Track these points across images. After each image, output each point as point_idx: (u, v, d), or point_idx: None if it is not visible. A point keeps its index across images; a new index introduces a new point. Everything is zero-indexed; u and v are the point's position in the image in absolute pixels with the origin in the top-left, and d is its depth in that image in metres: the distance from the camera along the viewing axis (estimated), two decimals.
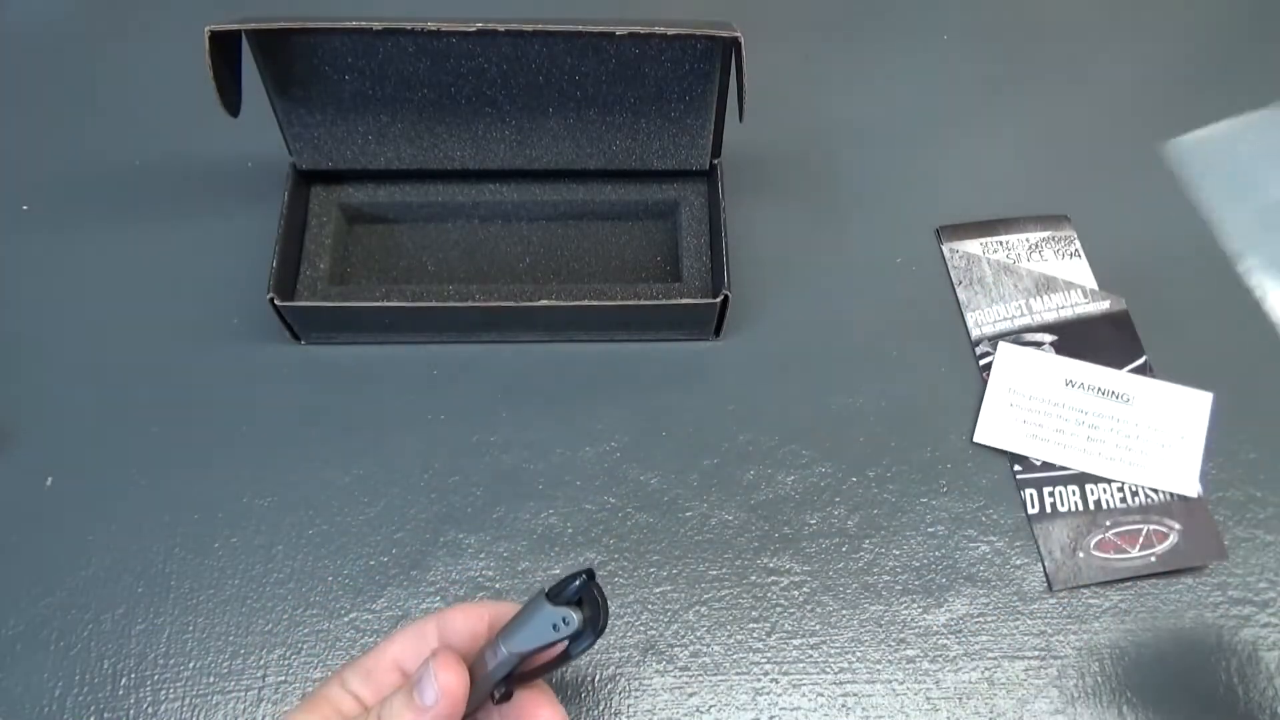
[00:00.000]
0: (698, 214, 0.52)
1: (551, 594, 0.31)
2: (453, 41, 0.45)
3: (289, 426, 0.48)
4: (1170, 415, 0.48)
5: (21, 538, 0.44)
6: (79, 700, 0.41)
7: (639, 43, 0.45)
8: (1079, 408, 0.48)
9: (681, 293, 0.49)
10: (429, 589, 0.44)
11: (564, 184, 0.53)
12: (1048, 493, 0.46)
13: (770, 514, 0.46)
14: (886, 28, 0.64)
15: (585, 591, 0.31)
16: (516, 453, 0.47)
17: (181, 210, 0.54)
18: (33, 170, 0.56)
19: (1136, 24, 0.64)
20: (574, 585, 0.31)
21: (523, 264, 0.52)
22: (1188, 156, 0.58)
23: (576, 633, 0.31)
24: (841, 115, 0.59)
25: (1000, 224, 0.55)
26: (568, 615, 0.31)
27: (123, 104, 0.59)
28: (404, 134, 0.49)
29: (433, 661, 0.31)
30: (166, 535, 0.45)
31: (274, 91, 0.46)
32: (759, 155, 0.57)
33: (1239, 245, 0.54)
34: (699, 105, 0.48)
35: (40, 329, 0.50)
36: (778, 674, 0.42)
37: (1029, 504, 0.46)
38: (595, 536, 0.45)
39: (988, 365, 0.50)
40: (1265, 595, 0.44)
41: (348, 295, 0.49)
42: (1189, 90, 0.61)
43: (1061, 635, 0.43)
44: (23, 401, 0.48)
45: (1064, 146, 0.58)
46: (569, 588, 0.31)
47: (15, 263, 0.52)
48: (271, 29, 0.42)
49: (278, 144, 0.49)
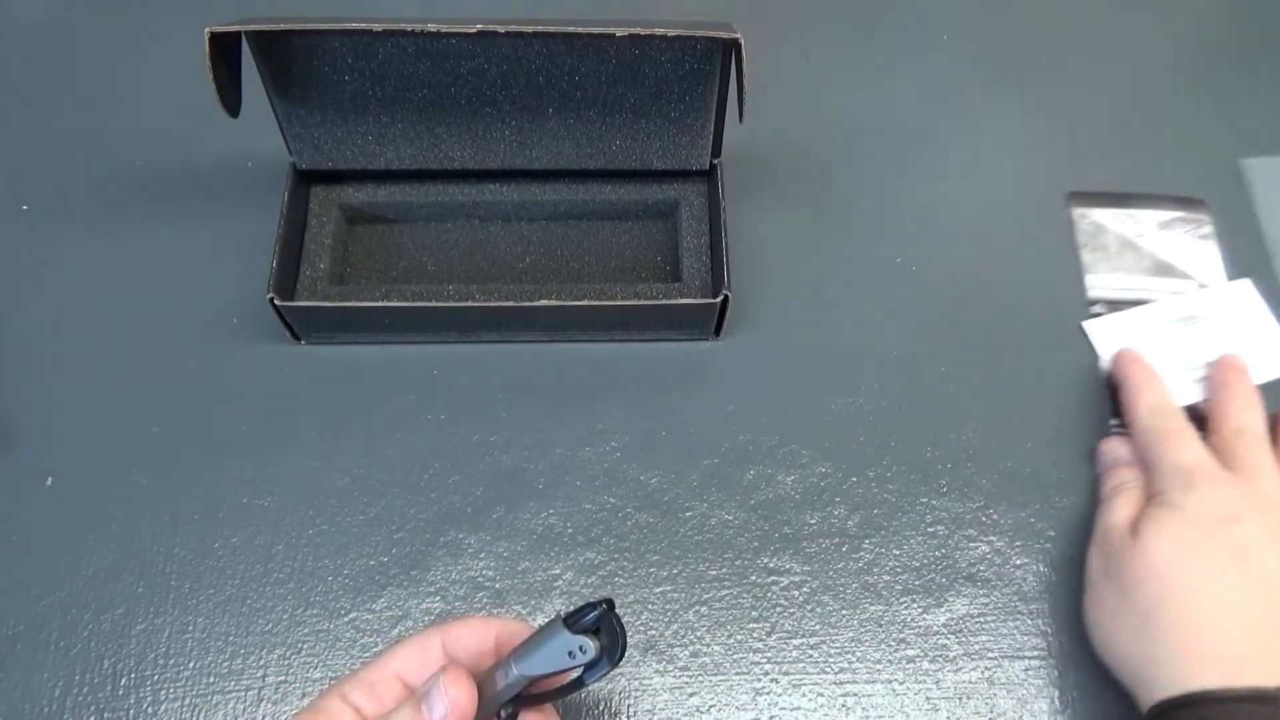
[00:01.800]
0: (698, 214, 0.52)
1: (569, 620, 0.31)
2: (452, 42, 0.45)
3: (289, 426, 0.48)
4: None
5: (21, 538, 0.44)
6: (79, 700, 0.41)
7: (639, 44, 0.45)
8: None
9: (681, 293, 0.49)
10: (429, 589, 0.44)
11: (564, 184, 0.53)
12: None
13: (770, 514, 0.46)
14: (886, 28, 0.64)
15: (604, 620, 0.31)
16: (516, 453, 0.47)
17: (181, 210, 0.54)
18: (33, 170, 0.56)
19: (1137, 23, 0.64)
20: (593, 614, 0.31)
21: (523, 264, 0.52)
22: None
23: (592, 661, 0.31)
24: (841, 115, 0.59)
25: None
26: (584, 644, 0.31)
27: (122, 104, 0.59)
28: (404, 134, 0.49)
29: (442, 676, 0.31)
30: (166, 535, 0.45)
31: (274, 92, 0.46)
32: (759, 155, 0.57)
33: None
34: (699, 105, 0.48)
35: (40, 329, 0.50)
36: (778, 674, 0.42)
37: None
38: (595, 536, 0.45)
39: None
40: None
41: (348, 295, 0.49)
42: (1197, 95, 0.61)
43: (1061, 635, 0.43)
44: (23, 401, 0.48)
45: (1064, 146, 0.58)
46: (587, 615, 0.31)
47: (15, 263, 0.52)
48: (271, 30, 0.42)
49: (278, 144, 0.49)
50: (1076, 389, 0.50)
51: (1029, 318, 0.52)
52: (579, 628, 0.31)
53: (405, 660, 0.34)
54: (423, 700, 0.31)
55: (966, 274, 0.53)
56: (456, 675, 0.31)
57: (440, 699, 0.31)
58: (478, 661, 0.34)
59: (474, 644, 0.34)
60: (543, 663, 0.31)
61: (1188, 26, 0.65)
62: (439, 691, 0.31)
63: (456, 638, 0.34)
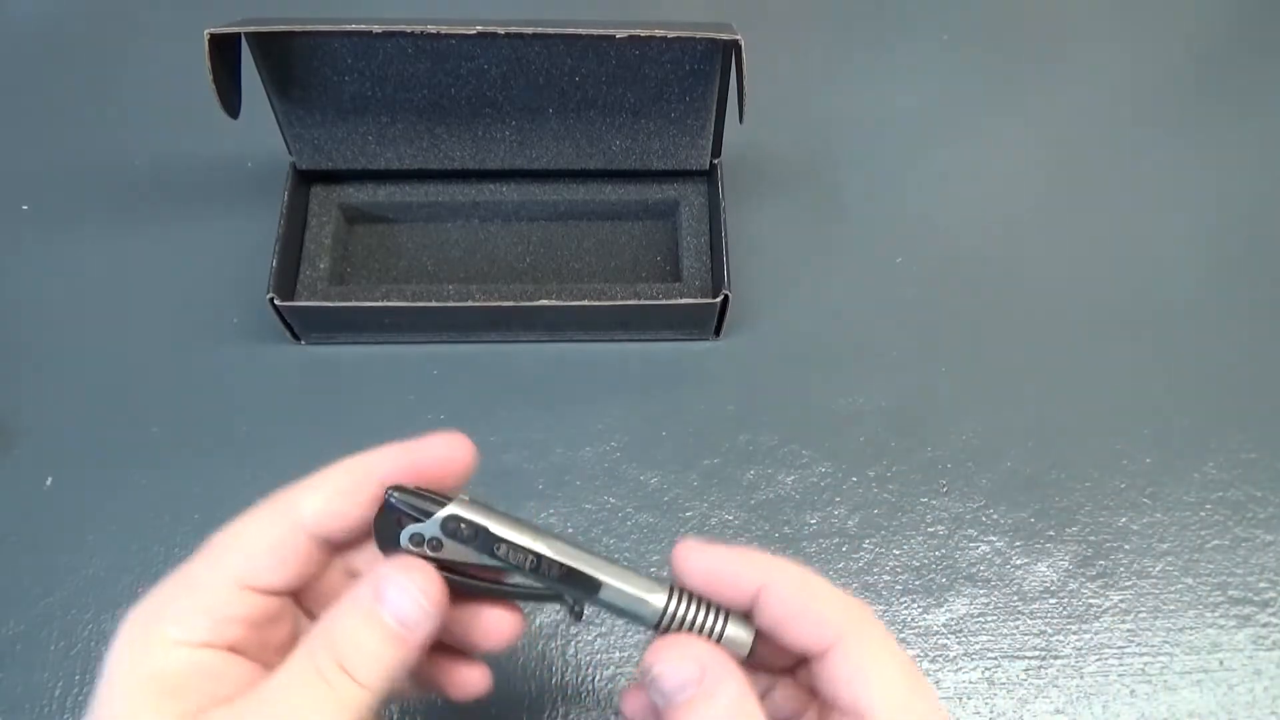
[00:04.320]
0: (698, 214, 0.52)
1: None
2: (452, 43, 0.45)
3: (289, 426, 0.48)
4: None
5: (21, 538, 0.44)
6: (79, 700, 0.41)
7: (639, 44, 0.45)
8: None
9: (681, 292, 0.49)
10: None
11: (564, 184, 0.53)
12: None
13: (770, 514, 0.46)
14: (886, 28, 0.64)
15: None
16: (516, 453, 0.47)
17: (181, 210, 0.54)
18: (33, 170, 0.56)
19: (1137, 23, 0.64)
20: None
21: (523, 264, 0.52)
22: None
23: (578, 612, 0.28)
24: (841, 115, 0.59)
25: None
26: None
27: (123, 104, 0.59)
28: (404, 134, 0.49)
29: (398, 567, 0.25)
30: (166, 535, 0.45)
31: (274, 93, 0.46)
32: (759, 155, 0.57)
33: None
34: (699, 106, 0.48)
35: (40, 329, 0.50)
36: None
37: None
38: (595, 536, 0.45)
39: None
40: (1265, 595, 0.44)
41: (348, 295, 0.49)
42: (1190, 86, 0.61)
43: (1061, 635, 0.43)
44: (23, 401, 0.48)
45: (1064, 146, 0.59)
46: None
47: (15, 263, 0.52)
48: (271, 31, 0.42)
49: (278, 144, 0.49)
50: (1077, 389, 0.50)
51: (1029, 317, 0.52)
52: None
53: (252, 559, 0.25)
54: (379, 599, 0.24)
55: (966, 274, 0.53)
56: (414, 563, 0.25)
57: (402, 593, 0.24)
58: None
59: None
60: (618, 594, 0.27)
61: (1188, 26, 0.65)
62: (397, 583, 0.24)
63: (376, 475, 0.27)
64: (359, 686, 0.23)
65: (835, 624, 0.26)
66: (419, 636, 0.25)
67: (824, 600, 0.26)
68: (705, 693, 0.25)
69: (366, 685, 0.23)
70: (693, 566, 0.27)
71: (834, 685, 0.25)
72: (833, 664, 0.26)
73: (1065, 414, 0.49)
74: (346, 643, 0.24)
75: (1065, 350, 0.51)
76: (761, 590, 0.27)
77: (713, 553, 0.27)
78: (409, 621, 0.24)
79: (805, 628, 0.26)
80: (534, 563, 0.27)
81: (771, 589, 0.27)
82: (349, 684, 0.23)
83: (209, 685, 0.23)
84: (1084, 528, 0.46)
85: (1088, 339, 0.51)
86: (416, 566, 0.25)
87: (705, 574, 0.27)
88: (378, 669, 0.24)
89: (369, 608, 0.24)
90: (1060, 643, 0.43)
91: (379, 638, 0.24)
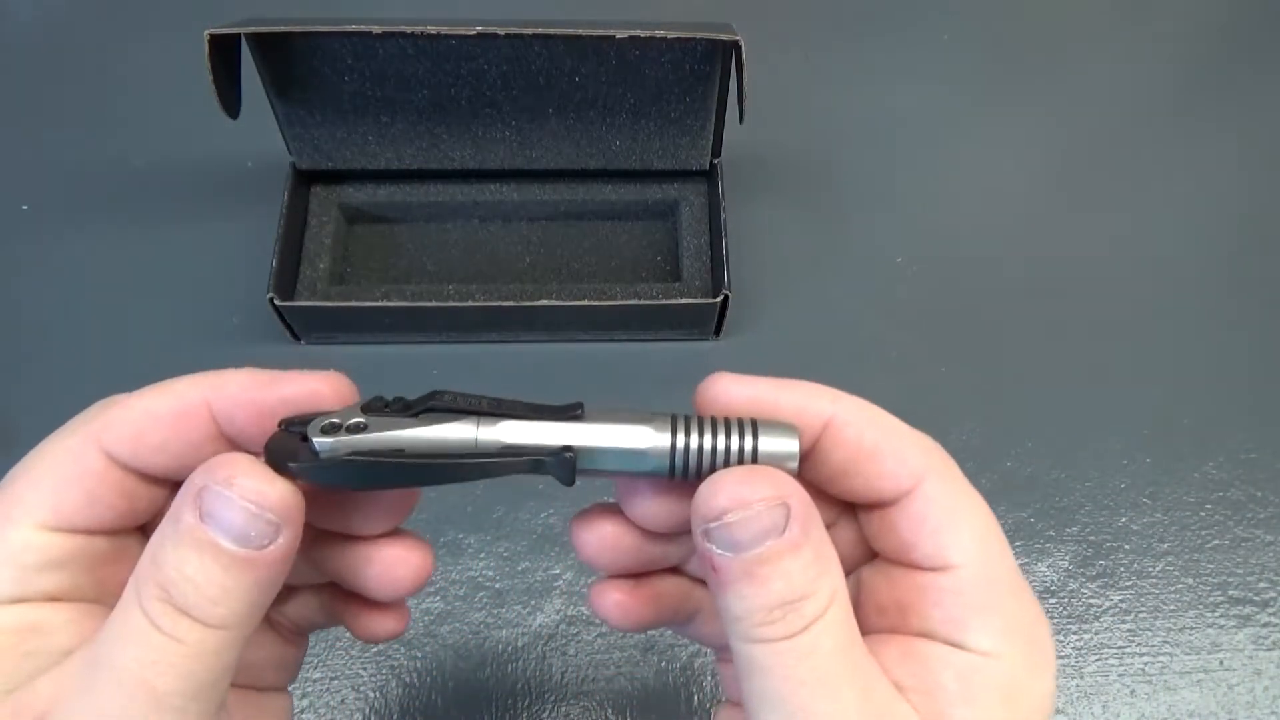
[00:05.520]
0: (698, 214, 0.52)
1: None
2: (452, 43, 0.45)
3: None
4: None
5: None
6: None
7: (639, 45, 0.45)
8: None
9: (681, 292, 0.49)
10: (429, 588, 0.44)
11: (564, 184, 0.53)
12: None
13: None
14: (887, 28, 0.64)
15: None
16: None
17: (181, 210, 0.54)
18: (33, 170, 0.56)
19: (1137, 23, 0.64)
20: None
21: (523, 264, 0.52)
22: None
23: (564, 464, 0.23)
24: (841, 115, 0.59)
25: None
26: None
27: (123, 104, 0.59)
28: (404, 134, 0.49)
29: (210, 471, 0.19)
30: None
31: (274, 93, 0.46)
32: (759, 155, 0.57)
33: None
34: (699, 106, 0.48)
35: (41, 329, 0.50)
36: None
37: None
38: None
39: None
40: (1265, 595, 0.44)
41: (348, 295, 0.49)
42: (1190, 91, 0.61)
43: (1061, 635, 0.43)
44: (23, 401, 0.48)
45: (1064, 146, 0.58)
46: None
47: (15, 263, 0.52)
48: (271, 32, 0.42)
49: (278, 144, 0.49)
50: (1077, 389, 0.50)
51: (1029, 317, 0.52)
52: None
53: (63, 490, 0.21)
54: (205, 515, 0.19)
55: (966, 274, 0.53)
56: (244, 461, 0.19)
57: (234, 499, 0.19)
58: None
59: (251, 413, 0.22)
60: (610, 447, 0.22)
61: (1188, 26, 0.65)
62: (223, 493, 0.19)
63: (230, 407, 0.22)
64: (206, 627, 0.18)
65: (916, 465, 0.22)
66: (274, 553, 0.19)
67: (903, 437, 0.23)
68: (791, 542, 0.19)
69: (217, 624, 0.18)
70: (732, 401, 0.22)
71: (913, 534, 0.22)
72: (912, 510, 0.22)
73: (1065, 414, 0.49)
74: (177, 578, 0.18)
75: (1065, 350, 0.51)
76: (828, 426, 0.22)
77: (755, 384, 0.22)
78: (249, 537, 0.19)
79: (886, 467, 0.22)
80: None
81: (840, 424, 0.22)
82: (191, 627, 0.18)
83: (30, 643, 0.19)
84: (1084, 528, 0.46)
85: (1088, 339, 0.51)
86: (236, 462, 0.19)
87: (748, 412, 0.22)
88: (226, 603, 0.19)
89: (193, 529, 0.18)
90: (1060, 643, 0.43)
91: (219, 565, 0.18)
